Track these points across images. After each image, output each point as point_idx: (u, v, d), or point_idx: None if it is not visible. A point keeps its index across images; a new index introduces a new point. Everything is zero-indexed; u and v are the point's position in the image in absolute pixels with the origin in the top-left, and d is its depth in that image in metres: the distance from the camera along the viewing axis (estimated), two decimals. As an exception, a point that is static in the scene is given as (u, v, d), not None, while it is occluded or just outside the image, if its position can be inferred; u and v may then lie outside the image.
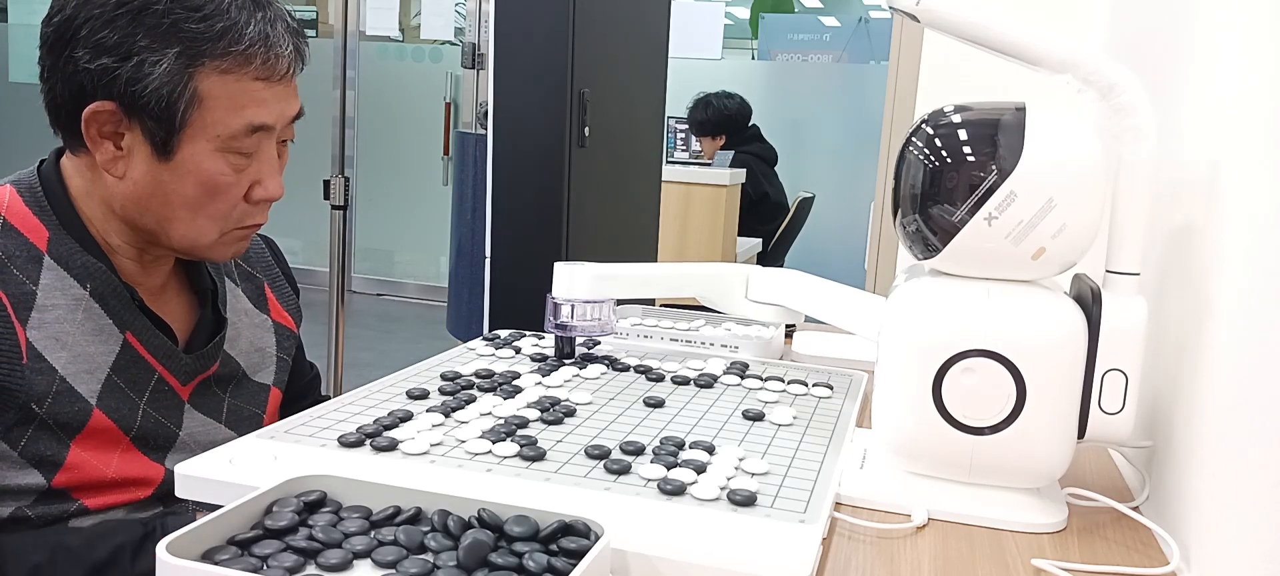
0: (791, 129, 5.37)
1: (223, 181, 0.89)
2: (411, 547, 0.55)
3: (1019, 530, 0.71)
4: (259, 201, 0.93)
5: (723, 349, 1.13)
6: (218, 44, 0.85)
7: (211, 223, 0.91)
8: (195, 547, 0.53)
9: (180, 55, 0.84)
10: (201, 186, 0.88)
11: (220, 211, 0.91)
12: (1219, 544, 0.62)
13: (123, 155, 0.88)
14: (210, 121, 0.86)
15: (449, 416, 0.82)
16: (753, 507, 0.66)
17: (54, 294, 0.87)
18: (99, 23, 0.84)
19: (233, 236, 0.94)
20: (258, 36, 0.87)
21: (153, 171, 0.87)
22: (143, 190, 0.88)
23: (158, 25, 0.84)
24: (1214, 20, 0.78)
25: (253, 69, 0.87)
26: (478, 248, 2.31)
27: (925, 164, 0.71)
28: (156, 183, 0.88)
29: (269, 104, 0.89)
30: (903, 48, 2.16)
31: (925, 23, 0.74)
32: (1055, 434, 0.71)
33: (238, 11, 0.86)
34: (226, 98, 0.86)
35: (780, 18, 6.86)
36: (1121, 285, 0.71)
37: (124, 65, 0.84)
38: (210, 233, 0.91)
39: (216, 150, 0.88)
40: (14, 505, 0.86)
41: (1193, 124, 0.80)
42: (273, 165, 0.93)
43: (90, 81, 0.84)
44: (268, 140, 0.91)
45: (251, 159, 0.90)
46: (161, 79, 0.84)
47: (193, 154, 0.87)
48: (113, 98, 0.85)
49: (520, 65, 2.13)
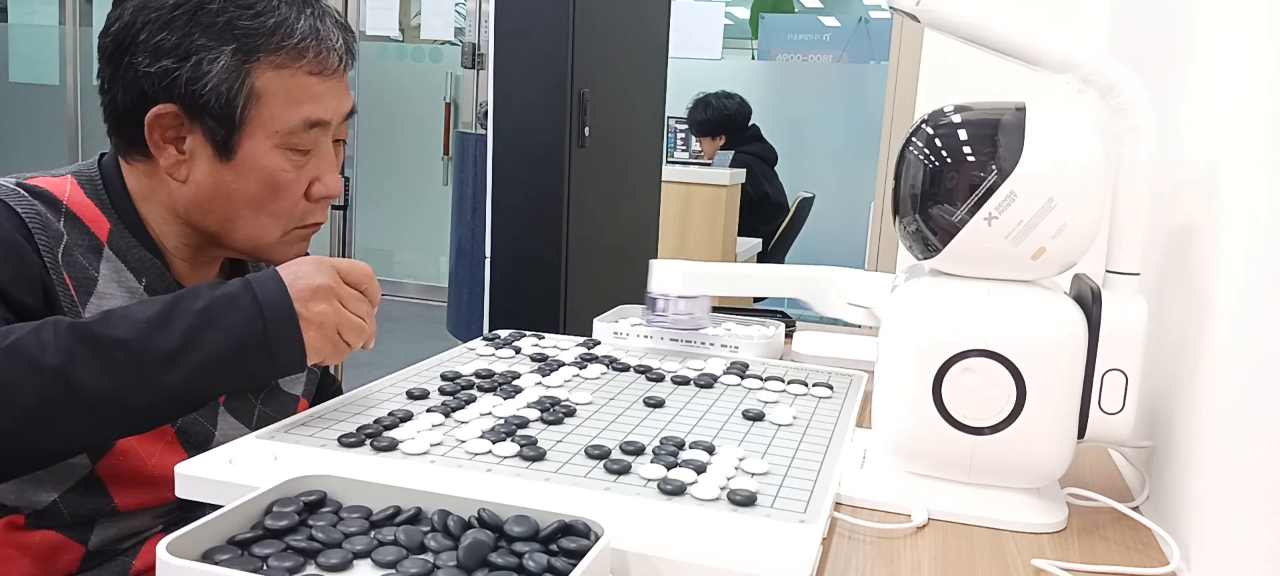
0: (791, 129, 5.37)
1: (283, 178, 0.91)
2: (411, 547, 0.55)
3: (1019, 530, 0.71)
4: (319, 199, 0.95)
5: (723, 349, 1.13)
6: (270, 39, 0.87)
7: (274, 221, 0.93)
8: (195, 547, 0.53)
9: (236, 52, 0.86)
10: (263, 184, 0.90)
11: (282, 209, 0.92)
12: (1219, 544, 0.62)
13: (185, 159, 0.89)
14: (268, 117, 0.88)
15: (449, 416, 0.82)
16: (753, 507, 0.66)
17: (112, 284, 0.88)
18: (156, 26, 0.86)
19: (294, 235, 0.96)
20: (309, 31, 0.89)
21: (215, 173, 0.89)
22: (205, 192, 0.90)
23: (212, 23, 0.86)
24: (1214, 20, 0.78)
25: (306, 63, 0.89)
26: (478, 248, 2.31)
27: (925, 164, 0.71)
28: (219, 183, 0.90)
29: (324, 99, 0.91)
30: (903, 48, 2.16)
31: (925, 23, 0.74)
32: (1055, 434, 0.71)
33: (288, 8, 0.89)
34: (283, 93, 0.89)
35: (780, 18, 6.86)
36: (1121, 285, 0.71)
37: (183, 65, 0.86)
38: (273, 231, 0.93)
39: (276, 147, 0.90)
40: (53, 492, 0.86)
41: (1193, 124, 0.80)
42: (331, 162, 0.95)
43: (151, 85, 0.87)
44: (324, 137, 0.93)
45: (309, 156, 0.92)
46: (219, 76, 0.86)
47: (253, 151, 0.89)
48: (174, 99, 0.87)
49: (520, 65, 2.13)
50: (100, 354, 0.72)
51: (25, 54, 6.02)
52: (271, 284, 0.79)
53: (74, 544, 0.87)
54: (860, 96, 5.43)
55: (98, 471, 0.87)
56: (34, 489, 0.85)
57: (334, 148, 0.95)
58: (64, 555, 0.87)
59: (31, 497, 0.85)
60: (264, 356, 0.78)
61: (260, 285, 0.78)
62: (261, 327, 0.77)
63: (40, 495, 0.86)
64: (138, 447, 0.88)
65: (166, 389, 0.75)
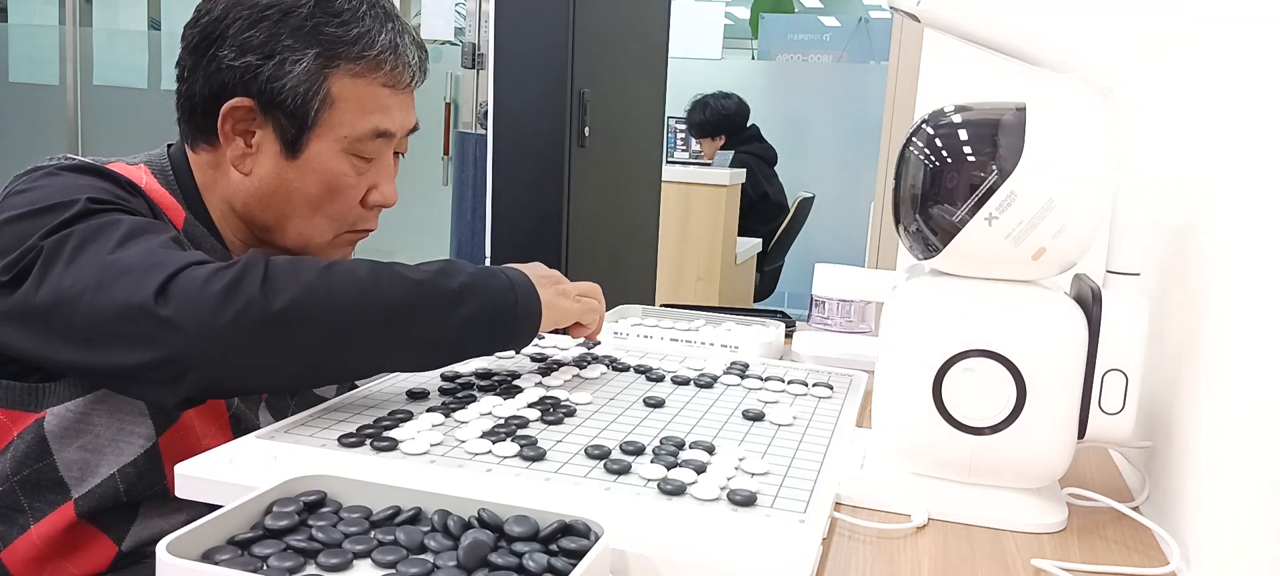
0: (791, 129, 5.36)
1: (345, 182, 0.93)
2: (411, 547, 0.55)
3: (1019, 530, 0.71)
4: (374, 206, 0.98)
5: (723, 349, 1.13)
6: (353, 48, 0.91)
7: (328, 222, 0.95)
8: (195, 547, 0.53)
9: (319, 56, 0.90)
10: (325, 185, 0.93)
11: (338, 212, 0.95)
12: (1219, 544, 0.62)
13: (252, 152, 0.92)
14: (339, 122, 0.91)
15: (449, 416, 0.82)
16: (753, 507, 0.66)
17: None
18: (246, 23, 0.89)
19: (345, 238, 0.98)
20: (388, 45, 0.92)
21: (278, 169, 0.92)
22: (267, 187, 0.92)
23: (301, 27, 0.89)
24: (1214, 20, 0.78)
25: (382, 75, 0.92)
26: (478, 248, 2.31)
27: (926, 164, 0.71)
28: (281, 180, 0.92)
29: (393, 111, 0.94)
30: (903, 48, 2.16)
31: (925, 23, 0.74)
32: (1055, 434, 0.71)
33: (372, 21, 0.92)
34: (356, 100, 0.91)
35: (780, 18, 6.86)
36: (1121, 285, 0.71)
37: (267, 63, 0.89)
38: (326, 232, 0.95)
39: (341, 151, 0.92)
40: (113, 466, 0.86)
41: (1193, 124, 0.80)
42: (390, 172, 0.98)
43: (232, 78, 0.89)
44: (387, 148, 0.96)
45: (371, 164, 0.95)
46: (299, 78, 0.89)
47: (319, 153, 0.91)
48: (251, 94, 0.90)
49: (520, 65, 2.13)
50: (402, 278, 0.83)
51: (25, 54, 6.01)
52: (514, 271, 0.93)
53: (108, 542, 0.87)
54: (860, 96, 5.42)
55: (159, 445, 0.87)
56: (96, 459, 0.85)
57: (392, 160, 0.98)
58: (96, 553, 0.87)
59: (92, 470, 0.85)
60: (512, 322, 0.89)
61: (506, 270, 0.92)
62: (513, 299, 0.89)
63: (100, 468, 0.86)
64: (196, 424, 0.90)
65: (442, 329, 0.84)
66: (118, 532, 0.88)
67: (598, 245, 2.28)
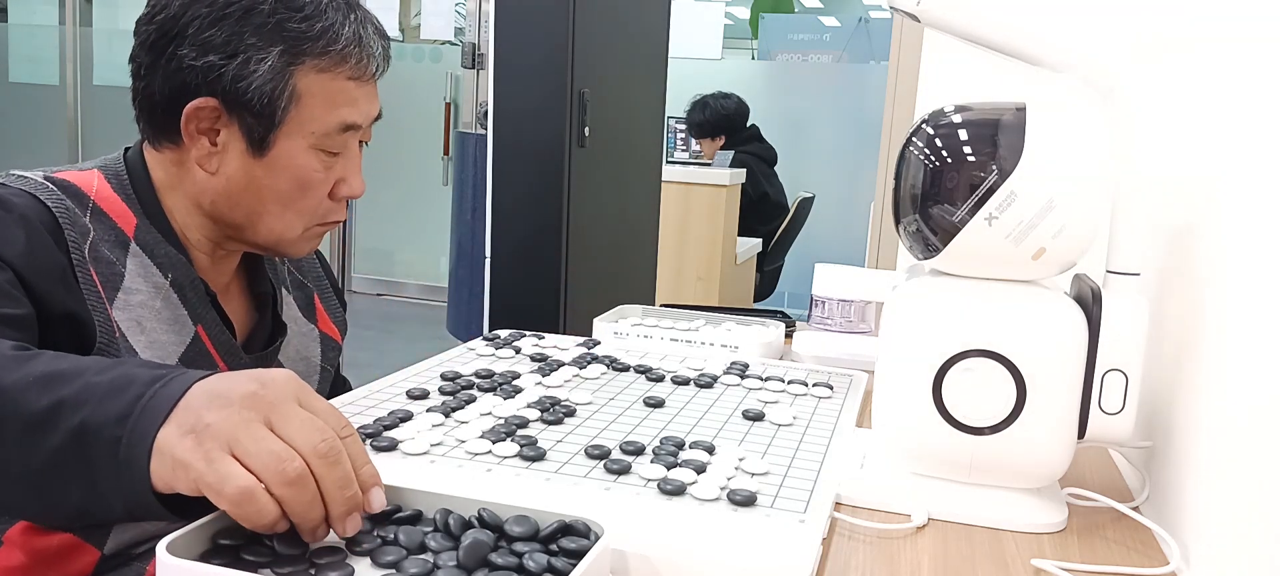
0: (791, 129, 5.36)
1: (314, 177, 0.92)
2: (411, 547, 0.55)
3: (1019, 530, 0.71)
4: (342, 198, 0.97)
5: (723, 349, 1.13)
6: (318, 43, 0.89)
7: (299, 218, 0.94)
8: (195, 547, 0.53)
9: (283, 53, 0.88)
10: (294, 182, 0.92)
11: (308, 207, 0.94)
12: (1219, 544, 0.62)
13: (217, 151, 0.90)
14: (306, 118, 0.90)
15: (449, 416, 0.82)
16: (753, 507, 0.66)
17: (138, 279, 0.89)
18: (206, 22, 0.87)
19: (314, 232, 0.97)
20: (352, 38, 0.91)
21: (246, 167, 0.91)
22: (235, 186, 0.91)
23: (264, 24, 0.88)
24: (1214, 20, 0.78)
25: (347, 68, 0.91)
26: (478, 248, 2.31)
27: (926, 164, 0.71)
28: (249, 178, 0.91)
29: (360, 103, 0.93)
30: (903, 48, 2.16)
31: (925, 23, 0.74)
32: (1055, 434, 0.71)
33: (335, 14, 0.91)
34: (323, 95, 0.90)
35: (780, 18, 6.86)
36: (1121, 285, 0.71)
37: (230, 63, 0.87)
38: (296, 227, 0.95)
39: (310, 147, 0.91)
40: None
41: (1193, 124, 0.80)
42: (356, 163, 0.97)
43: (195, 78, 0.88)
44: (354, 139, 0.95)
45: (338, 157, 0.94)
46: (265, 77, 0.88)
47: (288, 150, 0.90)
48: (215, 94, 0.88)
49: (520, 65, 2.13)
50: None
51: (25, 54, 6.02)
52: (183, 381, 0.58)
53: (89, 548, 0.87)
54: (860, 96, 5.42)
55: None
56: None
57: (358, 149, 0.98)
58: (79, 559, 0.87)
59: None
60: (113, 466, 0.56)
61: (167, 378, 0.59)
62: (119, 435, 0.56)
63: None
64: None
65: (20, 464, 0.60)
66: (98, 537, 0.87)
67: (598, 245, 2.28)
